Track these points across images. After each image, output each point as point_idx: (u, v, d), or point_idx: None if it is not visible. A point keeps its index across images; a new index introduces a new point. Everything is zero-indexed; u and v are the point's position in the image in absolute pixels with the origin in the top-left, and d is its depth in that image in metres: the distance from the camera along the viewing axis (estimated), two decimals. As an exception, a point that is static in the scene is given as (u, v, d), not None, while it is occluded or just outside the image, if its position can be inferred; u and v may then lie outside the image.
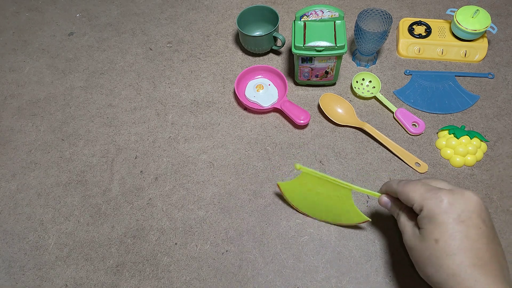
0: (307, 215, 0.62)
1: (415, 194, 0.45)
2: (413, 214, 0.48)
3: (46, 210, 0.66)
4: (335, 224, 0.61)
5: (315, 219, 0.61)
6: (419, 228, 0.46)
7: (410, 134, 0.68)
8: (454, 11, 0.74)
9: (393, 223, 0.61)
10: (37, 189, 0.68)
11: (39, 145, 0.72)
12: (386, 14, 0.68)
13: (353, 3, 0.86)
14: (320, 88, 0.75)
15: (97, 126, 0.74)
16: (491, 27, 0.72)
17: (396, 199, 0.51)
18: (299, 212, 0.62)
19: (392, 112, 0.70)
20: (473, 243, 0.41)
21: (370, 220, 0.57)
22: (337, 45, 0.63)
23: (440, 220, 0.43)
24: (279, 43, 0.79)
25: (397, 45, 0.78)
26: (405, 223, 0.49)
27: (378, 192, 0.54)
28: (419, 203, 0.45)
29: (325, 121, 0.71)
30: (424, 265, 0.44)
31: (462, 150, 0.64)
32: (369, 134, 0.68)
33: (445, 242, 0.42)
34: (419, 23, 0.78)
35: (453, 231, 0.42)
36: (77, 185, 0.68)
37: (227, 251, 0.60)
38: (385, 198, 0.53)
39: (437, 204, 0.43)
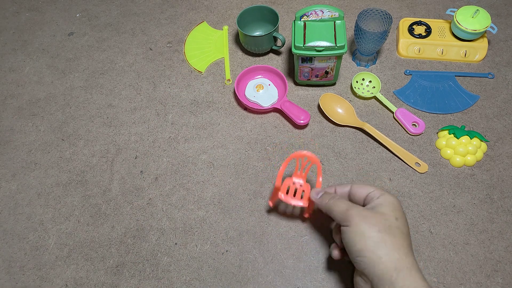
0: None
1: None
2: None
3: (46, 210, 0.66)
4: None
5: None
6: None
7: (410, 134, 0.68)
8: (454, 11, 0.74)
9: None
10: (37, 189, 0.68)
11: (39, 145, 0.72)
12: (386, 14, 0.68)
13: (353, 3, 0.86)
14: (320, 88, 0.75)
15: (97, 126, 0.74)
16: (491, 27, 0.72)
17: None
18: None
19: (392, 112, 0.70)
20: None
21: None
22: (337, 45, 0.63)
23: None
24: (279, 43, 0.79)
25: (397, 45, 0.78)
26: None
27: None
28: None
29: (325, 121, 0.71)
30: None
31: (462, 150, 0.64)
32: (369, 134, 0.68)
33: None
34: (419, 23, 0.78)
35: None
36: (77, 185, 0.68)
37: (227, 251, 0.60)
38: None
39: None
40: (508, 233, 0.59)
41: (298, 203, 0.55)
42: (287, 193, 0.57)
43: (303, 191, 0.57)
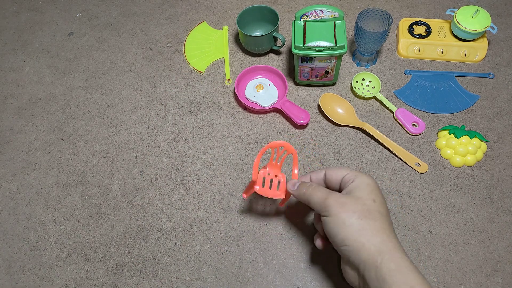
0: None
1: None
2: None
3: (46, 210, 0.66)
4: None
5: None
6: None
7: (410, 134, 0.68)
8: (454, 11, 0.74)
9: (393, 223, 0.61)
10: (37, 189, 0.68)
11: (39, 145, 0.72)
12: (386, 14, 0.68)
13: (353, 3, 0.86)
14: (320, 88, 0.75)
15: (97, 126, 0.74)
16: (491, 27, 0.72)
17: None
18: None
19: (392, 112, 0.70)
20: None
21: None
22: (337, 45, 0.63)
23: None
24: (279, 43, 0.79)
25: (397, 45, 0.78)
26: None
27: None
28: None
29: (325, 121, 0.71)
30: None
31: (462, 150, 0.64)
32: (369, 134, 0.68)
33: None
34: (419, 23, 0.78)
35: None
36: (77, 185, 0.68)
37: (227, 251, 0.60)
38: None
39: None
40: (508, 233, 0.59)
41: (276, 196, 0.54)
42: (263, 185, 0.54)
43: (279, 181, 0.55)
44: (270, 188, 0.54)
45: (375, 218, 0.45)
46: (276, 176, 0.55)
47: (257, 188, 0.53)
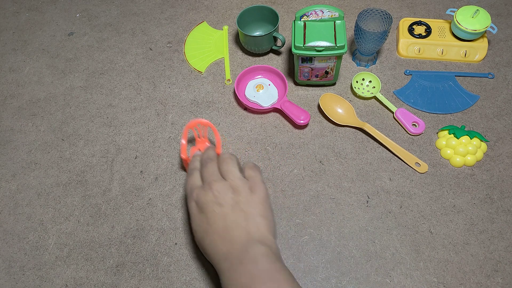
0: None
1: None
2: None
3: (46, 210, 0.66)
4: None
5: None
6: None
7: (410, 134, 0.68)
8: (454, 11, 0.74)
9: (393, 223, 0.61)
10: (37, 189, 0.68)
11: (39, 145, 0.72)
12: (386, 14, 0.68)
13: (353, 3, 0.86)
14: (320, 88, 0.75)
15: (97, 126, 0.74)
16: (491, 27, 0.72)
17: None
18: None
19: (392, 112, 0.70)
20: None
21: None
22: (337, 45, 0.63)
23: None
24: (279, 43, 0.79)
25: (397, 45, 0.78)
26: None
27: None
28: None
29: (325, 121, 0.71)
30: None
31: (462, 150, 0.64)
32: (369, 134, 0.68)
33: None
34: (419, 23, 0.78)
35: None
36: (77, 185, 0.68)
37: (227, 251, 0.60)
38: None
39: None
40: (508, 233, 0.59)
41: None
42: None
43: None
44: None
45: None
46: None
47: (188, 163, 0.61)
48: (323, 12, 0.65)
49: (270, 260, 0.46)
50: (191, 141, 0.69)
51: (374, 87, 0.73)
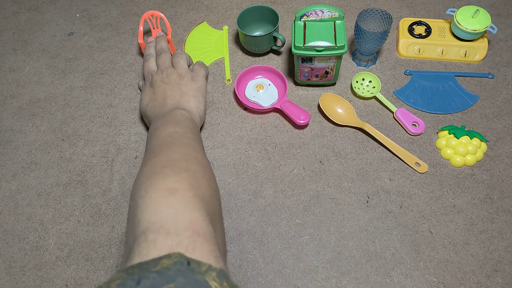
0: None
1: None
2: None
3: (46, 210, 0.66)
4: None
5: None
6: None
7: (410, 134, 0.68)
8: (454, 11, 0.74)
9: (393, 223, 0.61)
10: (37, 189, 0.68)
11: (39, 145, 0.72)
12: (386, 14, 0.68)
13: (353, 3, 0.85)
14: (320, 88, 0.75)
15: (97, 126, 0.74)
16: (491, 27, 0.72)
17: None
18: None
19: (392, 112, 0.70)
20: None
21: None
22: (337, 45, 0.63)
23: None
24: (279, 43, 0.79)
25: (397, 45, 0.78)
26: None
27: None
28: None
29: (325, 121, 0.71)
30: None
31: (462, 150, 0.64)
32: (369, 134, 0.68)
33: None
34: (419, 23, 0.78)
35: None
36: (77, 185, 0.68)
37: (227, 251, 0.60)
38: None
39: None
40: (508, 233, 0.59)
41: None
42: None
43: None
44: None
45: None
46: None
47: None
48: (323, 12, 0.65)
49: (186, 119, 0.60)
50: (147, 32, 0.83)
51: (374, 87, 0.73)
